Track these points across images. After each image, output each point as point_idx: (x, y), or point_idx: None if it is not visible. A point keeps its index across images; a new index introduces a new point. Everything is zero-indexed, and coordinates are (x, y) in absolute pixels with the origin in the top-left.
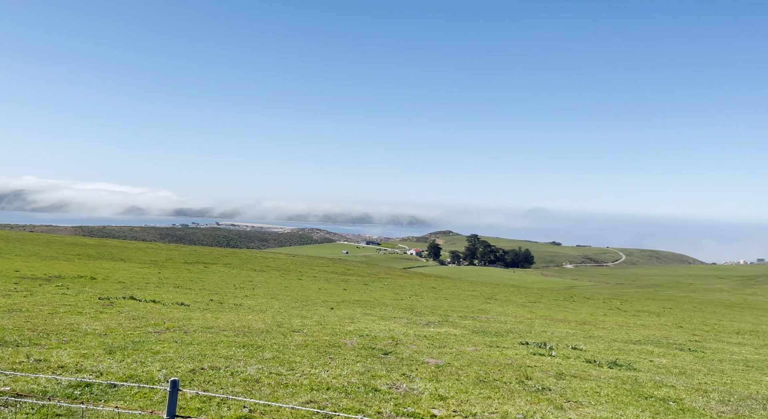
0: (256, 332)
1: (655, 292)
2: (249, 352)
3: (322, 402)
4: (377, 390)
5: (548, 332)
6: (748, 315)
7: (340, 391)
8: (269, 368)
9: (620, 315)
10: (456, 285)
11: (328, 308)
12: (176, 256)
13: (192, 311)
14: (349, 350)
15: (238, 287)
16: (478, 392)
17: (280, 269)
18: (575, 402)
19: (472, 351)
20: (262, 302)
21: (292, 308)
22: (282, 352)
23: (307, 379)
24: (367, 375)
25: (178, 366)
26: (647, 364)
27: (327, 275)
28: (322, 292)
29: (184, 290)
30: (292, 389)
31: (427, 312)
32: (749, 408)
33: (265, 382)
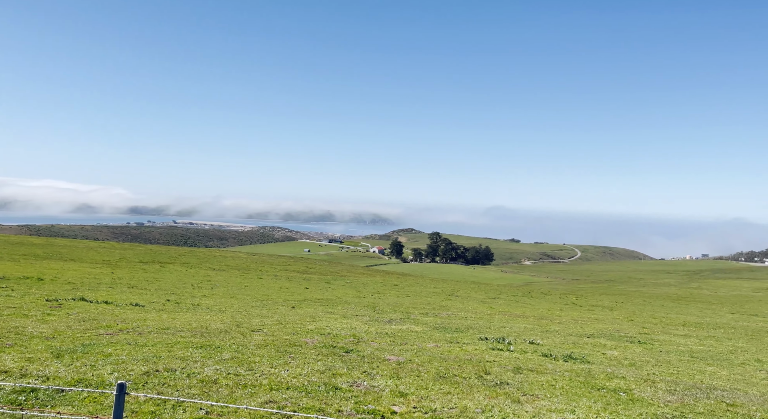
0: (215, 332)
1: (609, 287)
2: (207, 353)
3: (281, 401)
4: (338, 388)
5: (507, 327)
6: (694, 308)
7: (300, 390)
8: (227, 368)
9: (576, 309)
10: (418, 283)
11: (289, 307)
12: (131, 255)
13: (147, 312)
14: (310, 349)
15: (196, 287)
16: (438, 388)
17: (240, 268)
18: (532, 395)
19: (432, 348)
20: (221, 302)
21: (252, 308)
22: (241, 352)
23: (267, 379)
24: (328, 373)
25: (131, 369)
26: (600, 357)
27: (288, 274)
28: (283, 291)
29: (139, 291)
30: (251, 389)
31: (389, 310)
32: (694, 397)
33: (223, 383)
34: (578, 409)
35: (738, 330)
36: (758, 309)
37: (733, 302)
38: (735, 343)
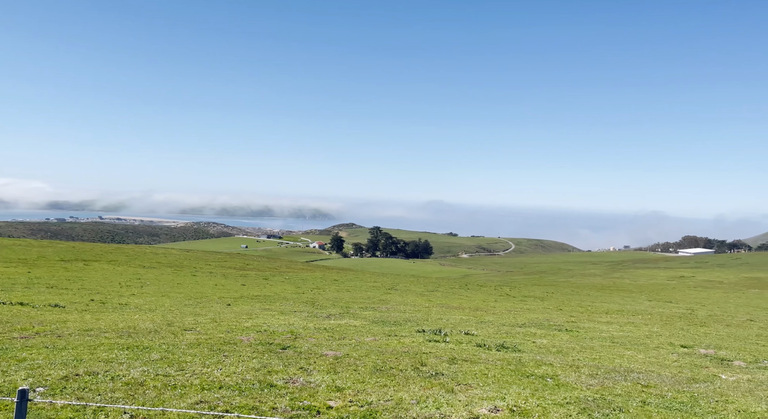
0: (143, 332)
1: (540, 278)
2: (133, 354)
3: (213, 401)
4: (273, 385)
5: (444, 319)
6: (616, 296)
7: (234, 389)
8: (156, 369)
9: (509, 300)
10: (358, 277)
11: (224, 304)
12: (50, 253)
13: (68, 314)
14: (245, 346)
15: (124, 286)
16: (374, 381)
17: (172, 265)
18: (465, 384)
19: (371, 341)
20: (151, 301)
21: (185, 306)
22: (171, 352)
23: (198, 379)
24: (263, 370)
25: (48, 374)
26: (530, 345)
27: (224, 271)
28: (218, 288)
29: (59, 291)
30: (181, 390)
31: (328, 305)
32: (613, 380)
33: (151, 385)
34: (508, 396)
35: (654, 316)
36: (672, 296)
37: (650, 290)
38: (651, 328)
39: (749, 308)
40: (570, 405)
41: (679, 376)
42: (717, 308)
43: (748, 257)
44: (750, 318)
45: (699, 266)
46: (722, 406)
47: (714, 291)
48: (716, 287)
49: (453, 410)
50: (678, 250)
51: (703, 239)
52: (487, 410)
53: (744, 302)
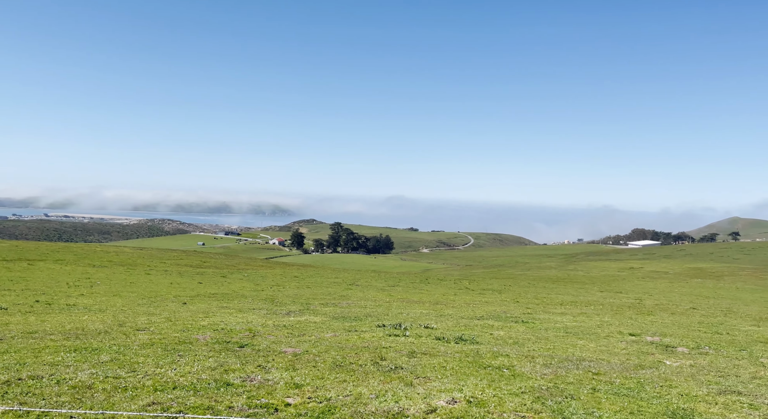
0: (93, 333)
1: (498, 271)
2: (81, 356)
3: (166, 402)
4: (230, 384)
5: (404, 313)
6: (570, 288)
7: (189, 389)
8: (106, 372)
9: (468, 294)
10: (319, 273)
11: (180, 303)
12: None
13: (11, 316)
14: (201, 345)
15: (73, 286)
16: (334, 376)
17: (124, 264)
18: (424, 377)
19: (331, 337)
20: (101, 301)
21: (139, 306)
22: (122, 353)
23: (151, 380)
24: (220, 369)
25: None
26: (488, 337)
27: (180, 269)
28: (174, 287)
29: (1, 292)
30: (132, 392)
31: (288, 302)
32: (566, 369)
33: (100, 388)
34: (466, 387)
35: (605, 306)
36: (622, 287)
37: (602, 282)
38: (602, 318)
39: (692, 297)
40: (525, 395)
41: (627, 363)
42: (663, 298)
43: (691, 249)
44: (693, 306)
45: (647, 258)
46: (666, 390)
47: (660, 282)
48: (662, 277)
49: (411, 403)
50: (628, 242)
51: (650, 232)
52: (445, 402)
53: (687, 292)
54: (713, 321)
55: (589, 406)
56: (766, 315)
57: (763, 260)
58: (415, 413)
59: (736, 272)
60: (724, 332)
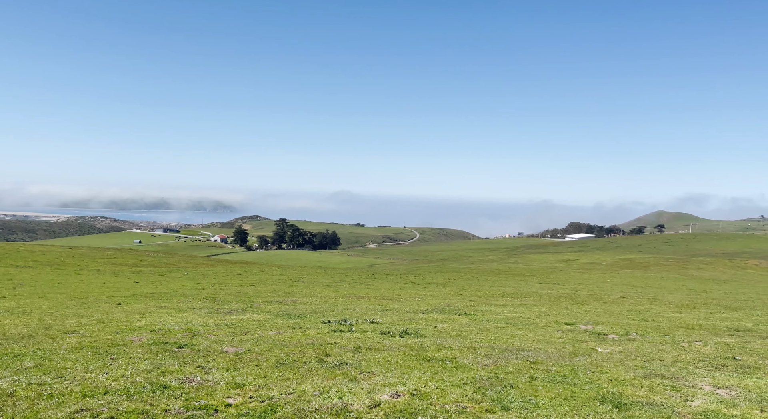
0: (15, 338)
1: (443, 265)
2: (2, 363)
3: (96, 408)
4: (166, 386)
5: (350, 309)
6: (511, 280)
7: (122, 393)
8: (29, 378)
9: (414, 288)
10: (263, 270)
11: (114, 304)
12: None
13: None
14: (136, 347)
15: None
16: (277, 375)
17: (52, 263)
18: (369, 372)
19: (274, 335)
20: (25, 304)
21: (67, 308)
22: (48, 358)
23: (80, 385)
24: (156, 372)
25: None
26: (432, 330)
27: (114, 268)
28: (107, 287)
29: None
30: (59, 399)
31: (231, 300)
32: (505, 359)
33: (23, 395)
34: (409, 380)
35: (543, 297)
36: (559, 278)
37: (541, 274)
38: (540, 309)
39: (622, 286)
40: (466, 386)
41: (562, 351)
42: (596, 288)
43: (622, 241)
44: (623, 296)
45: (582, 250)
46: (597, 376)
47: (594, 273)
48: (596, 268)
49: (355, 398)
50: (565, 235)
51: (585, 225)
52: (389, 395)
53: (618, 282)
54: (640, 309)
55: (526, 394)
56: (687, 302)
57: (685, 250)
58: (359, 408)
59: (661, 263)
60: (650, 319)
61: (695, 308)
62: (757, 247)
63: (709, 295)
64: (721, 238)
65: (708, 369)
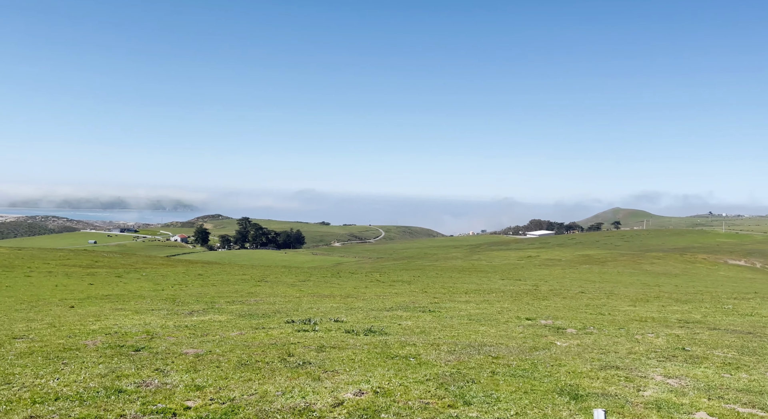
0: None
1: (408, 263)
2: None
3: (47, 415)
4: (122, 391)
5: (315, 308)
6: (474, 277)
7: (74, 399)
8: None
9: (379, 286)
10: (225, 270)
11: (67, 306)
12: None
13: None
14: (90, 351)
15: None
16: (238, 376)
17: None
18: (332, 371)
19: (236, 336)
20: None
21: (16, 312)
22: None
23: (29, 392)
24: (111, 376)
25: None
26: (396, 328)
27: (67, 270)
28: (60, 289)
29: None
30: (6, 406)
31: (191, 301)
32: (468, 354)
33: None
34: (373, 378)
35: (506, 293)
36: (521, 274)
37: (503, 270)
38: (502, 304)
39: (581, 282)
40: (429, 382)
41: (523, 346)
42: (556, 284)
43: (581, 237)
44: (581, 291)
45: (543, 247)
46: (556, 369)
47: (554, 268)
48: (556, 264)
49: (318, 397)
50: (526, 232)
51: (546, 223)
52: (352, 394)
53: (577, 277)
54: (598, 303)
55: (488, 389)
56: (641, 296)
57: (640, 246)
58: (322, 407)
59: (618, 258)
60: (606, 313)
61: (648, 301)
62: (706, 242)
63: (661, 289)
64: (672, 234)
65: (659, 360)
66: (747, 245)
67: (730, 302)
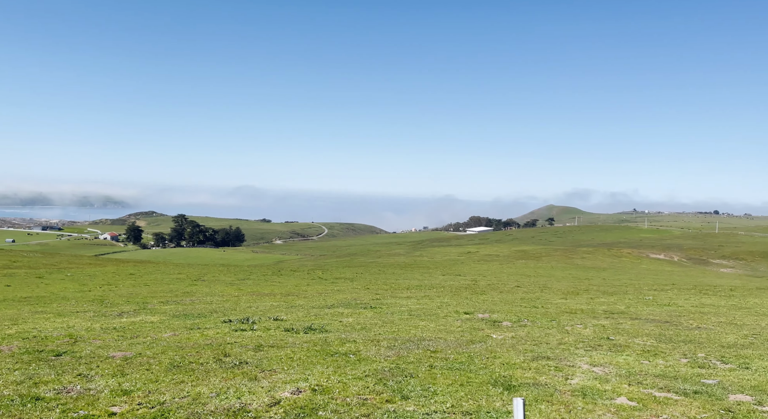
0: None
1: (351, 260)
2: None
3: None
4: (40, 398)
5: (254, 307)
6: (416, 273)
7: None
8: None
9: (321, 283)
10: (160, 269)
11: None
12: None
13: None
14: (5, 357)
15: None
16: (170, 378)
17: None
18: (270, 370)
19: (169, 337)
20: None
21: None
22: None
23: None
24: (29, 382)
25: None
26: (337, 325)
27: None
28: None
29: None
30: None
31: (121, 302)
32: (407, 349)
33: None
34: (311, 376)
35: (446, 288)
36: (461, 270)
37: (444, 266)
38: (442, 299)
39: (517, 276)
40: (368, 378)
41: (461, 339)
42: (494, 278)
43: (517, 233)
44: (517, 285)
45: (482, 243)
46: (491, 361)
47: (492, 264)
48: (494, 260)
49: (255, 397)
50: (466, 229)
51: (485, 219)
52: (290, 393)
53: (514, 272)
54: (532, 297)
55: (426, 382)
56: (572, 289)
57: (572, 241)
58: (258, 407)
59: (551, 253)
60: (540, 306)
61: (579, 294)
62: (630, 238)
63: (590, 282)
64: (601, 230)
65: (586, 349)
66: (666, 240)
67: (650, 293)
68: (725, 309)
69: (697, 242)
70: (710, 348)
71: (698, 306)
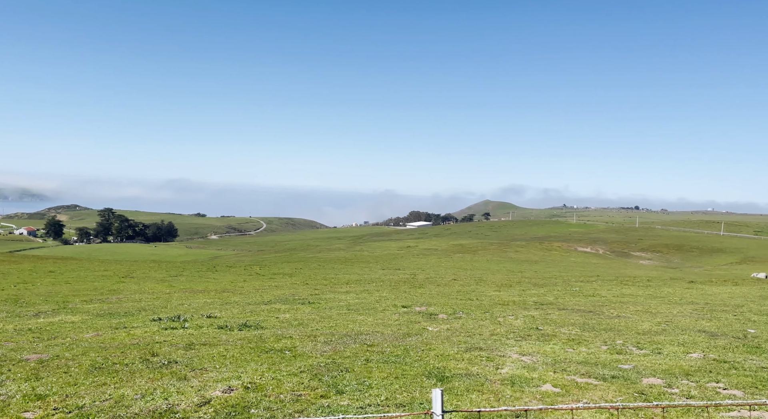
0: None
1: (290, 255)
2: None
3: None
4: None
5: (186, 304)
6: (357, 267)
7: None
8: None
9: (258, 279)
10: (83, 266)
11: None
12: None
13: None
14: None
15: None
16: (91, 381)
17: None
18: (201, 369)
19: (91, 337)
20: None
21: None
22: None
23: None
24: None
25: None
26: (273, 321)
27: None
28: None
29: None
30: None
31: (39, 301)
32: (344, 344)
33: None
34: (245, 374)
35: (385, 282)
36: (401, 264)
37: (384, 260)
38: (381, 293)
39: (455, 269)
40: (303, 374)
41: (398, 333)
42: (432, 272)
43: (455, 228)
44: (454, 278)
45: (421, 237)
46: (426, 353)
47: (431, 258)
48: (433, 254)
49: (183, 398)
50: (406, 224)
51: (424, 214)
52: (221, 391)
53: (451, 265)
54: (468, 290)
55: (361, 376)
56: (505, 282)
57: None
58: (186, 407)
59: (487, 247)
60: (474, 298)
61: (511, 286)
62: (560, 232)
63: (523, 274)
64: (533, 224)
65: (516, 340)
66: (593, 234)
67: (577, 284)
68: (642, 299)
69: (619, 236)
70: (627, 335)
71: (619, 296)
